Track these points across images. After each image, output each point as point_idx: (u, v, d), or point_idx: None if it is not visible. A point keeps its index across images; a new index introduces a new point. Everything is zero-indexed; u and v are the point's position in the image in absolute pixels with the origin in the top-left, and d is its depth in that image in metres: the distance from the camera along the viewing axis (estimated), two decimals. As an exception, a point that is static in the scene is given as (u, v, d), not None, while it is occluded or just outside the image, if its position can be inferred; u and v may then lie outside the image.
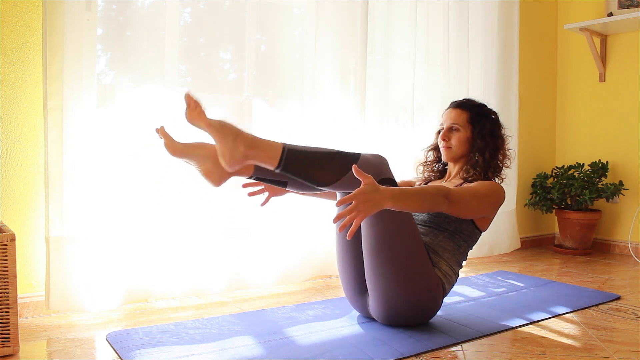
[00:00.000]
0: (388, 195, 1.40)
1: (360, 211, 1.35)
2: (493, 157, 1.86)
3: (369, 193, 1.36)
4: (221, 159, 1.49)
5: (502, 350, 1.59)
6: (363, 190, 1.36)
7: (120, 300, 1.97)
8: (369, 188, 1.37)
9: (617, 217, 3.33)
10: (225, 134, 1.47)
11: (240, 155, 1.48)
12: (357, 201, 1.35)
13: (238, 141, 1.47)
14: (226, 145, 1.46)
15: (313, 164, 1.53)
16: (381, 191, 1.39)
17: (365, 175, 1.38)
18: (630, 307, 2.06)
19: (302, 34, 2.44)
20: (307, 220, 2.39)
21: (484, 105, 1.94)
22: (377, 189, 1.38)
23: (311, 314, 1.90)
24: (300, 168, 1.53)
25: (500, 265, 2.89)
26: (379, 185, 1.40)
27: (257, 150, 1.49)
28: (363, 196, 1.36)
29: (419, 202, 1.48)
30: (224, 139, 1.46)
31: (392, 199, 1.41)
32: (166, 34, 2.08)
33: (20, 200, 1.84)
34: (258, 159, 1.51)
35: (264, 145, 1.51)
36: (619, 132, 3.32)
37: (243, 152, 1.48)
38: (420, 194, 1.49)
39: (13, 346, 1.50)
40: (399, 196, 1.44)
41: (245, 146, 1.48)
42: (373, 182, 1.38)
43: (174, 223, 2.09)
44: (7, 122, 1.82)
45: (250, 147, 1.49)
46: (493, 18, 3.08)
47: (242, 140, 1.48)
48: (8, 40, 1.82)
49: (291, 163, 1.52)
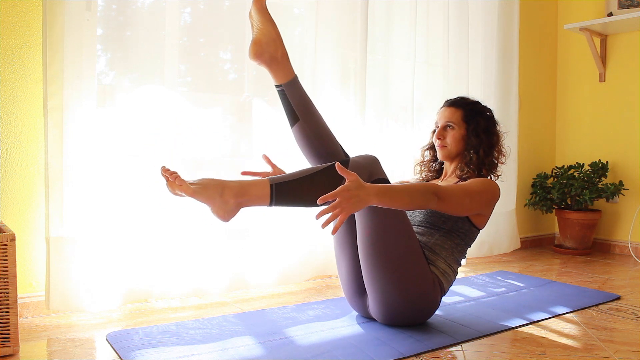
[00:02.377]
0: (374, 192, 1.40)
1: (343, 208, 1.35)
2: (488, 154, 1.86)
3: (352, 190, 1.36)
4: (215, 217, 1.48)
5: (502, 350, 1.59)
6: (347, 187, 1.36)
7: (121, 300, 1.97)
8: (352, 185, 1.36)
9: (617, 217, 3.33)
10: (211, 194, 1.44)
11: (232, 207, 1.47)
12: (340, 198, 1.34)
13: (225, 195, 1.45)
14: (215, 204, 1.45)
15: (303, 189, 1.53)
16: (366, 188, 1.38)
17: (349, 172, 1.38)
18: (630, 307, 2.06)
19: (302, 33, 2.44)
20: (307, 220, 2.39)
21: (478, 102, 1.94)
22: (361, 186, 1.38)
23: (311, 314, 1.90)
24: (293, 197, 1.53)
25: (500, 265, 2.89)
26: (363, 182, 1.39)
27: (246, 196, 1.48)
28: (347, 193, 1.35)
29: (406, 199, 1.47)
30: (212, 199, 1.44)
31: (378, 196, 1.41)
32: (166, 34, 2.08)
33: (20, 200, 1.84)
34: (250, 203, 1.50)
35: (252, 188, 1.49)
36: (619, 132, 3.32)
37: (234, 204, 1.47)
38: (408, 190, 1.48)
39: (13, 346, 1.50)
40: (386, 193, 1.43)
41: (235, 197, 1.46)
42: (357, 179, 1.38)
43: (174, 223, 2.09)
44: (7, 122, 1.82)
45: (239, 195, 1.47)
46: (493, 18, 3.08)
47: (229, 192, 1.46)
48: (8, 40, 1.82)
49: (282, 196, 1.51)
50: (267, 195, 1.50)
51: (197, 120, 2.19)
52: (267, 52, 1.66)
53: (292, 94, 1.70)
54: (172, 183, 1.42)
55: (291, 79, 1.70)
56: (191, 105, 2.17)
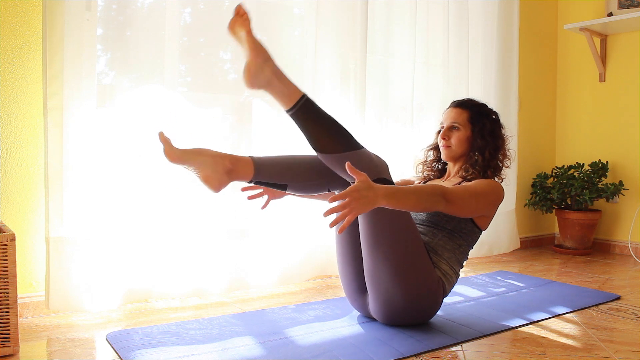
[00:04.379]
0: (382, 193, 1.39)
1: (353, 208, 1.34)
2: (493, 156, 1.86)
3: (362, 190, 1.36)
4: (245, 72, 1.54)
5: (502, 350, 1.59)
6: (357, 188, 1.35)
7: (121, 300, 1.97)
8: (362, 185, 1.36)
9: (617, 217, 3.33)
10: (259, 52, 1.53)
11: (263, 78, 1.54)
12: (350, 198, 1.34)
13: (267, 65, 1.54)
14: (256, 62, 1.53)
15: (323, 124, 1.58)
16: (375, 189, 1.38)
17: (359, 172, 1.38)
18: (630, 307, 2.06)
19: (302, 34, 2.44)
20: (307, 220, 2.39)
21: (485, 104, 1.94)
22: (371, 187, 1.37)
23: (311, 314, 1.90)
24: (310, 122, 1.57)
25: (500, 265, 2.89)
26: (373, 183, 1.39)
27: (280, 82, 1.55)
28: (356, 193, 1.35)
29: (414, 201, 1.47)
30: (257, 56, 1.53)
31: (387, 197, 1.40)
32: (166, 34, 2.08)
33: (20, 200, 1.84)
34: (277, 91, 1.56)
35: (288, 83, 1.57)
36: (619, 132, 3.32)
37: (267, 77, 1.54)
38: (416, 193, 1.48)
39: (13, 346, 1.50)
40: (394, 194, 1.43)
41: (272, 72, 1.54)
42: (367, 179, 1.38)
43: (175, 223, 2.09)
44: (7, 122, 1.82)
45: (276, 76, 1.55)
46: (493, 18, 3.08)
47: (271, 66, 1.54)
48: (8, 40, 1.82)
49: (304, 112, 1.57)
50: (294, 100, 1.57)
51: (197, 120, 2.19)
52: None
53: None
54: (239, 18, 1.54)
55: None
56: (191, 105, 2.17)
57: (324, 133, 1.57)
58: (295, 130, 2.39)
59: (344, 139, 1.58)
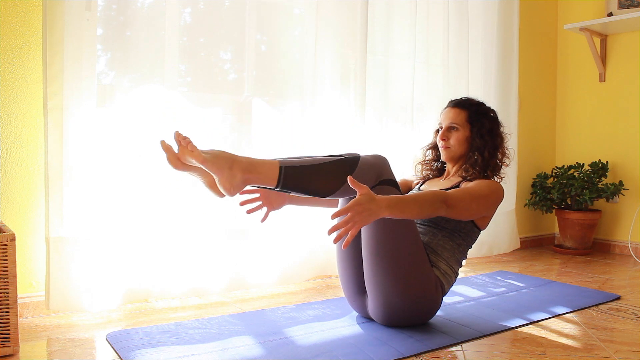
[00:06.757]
0: (385, 205, 1.40)
1: (356, 222, 1.35)
2: (492, 155, 1.86)
3: (364, 203, 1.36)
4: (221, 189, 1.47)
5: (502, 350, 1.59)
6: (358, 201, 1.36)
7: (120, 300, 1.97)
8: (364, 198, 1.36)
9: (617, 217, 3.33)
10: (221, 165, 1.43)
11: (239, 182, 1.46)
12: (352, 212, 1.34)
13: (234, 169, 1.45)
14: (223, 175, 1.44)
15: (311, 176, 1.52)
16: (377, 201, 1.39)
17: (360, 185, 1.38)
18: (630, 307, 2.06)
19: (302, 34, 2.44)
20: (308, 220, 2.39)
21: (483, 103, 1.94)
22: (372, 199, 1.38)
23: (311, 314, 1.90)
24: (300, 183, 1.52)
25: (500, 265, 2.89)
26: (375, 195, 1.39)
27: (254, 173, 1.48)
28: (359, 207, 1.35)
29: (416, 209, 1.48)
30: (221, 170, 1.43)
31: (389, 208, 1.41)
32: (166, 34, 2.08)
33: (20, 200, 1.84)
34: (257, 181, 1.50)
35: (261, 167, 1.49)
36: (619, 132, 3.32)
37: (241, 179, 1.46)
38: (417, 201, 1.49)
39: (13, 346, 1.50)
40: (396, 205, 1.43)
41: (243, 172, 1.46)
42: (369, 192, 1.38)
43: (174, 223, 2.09)
44: (7, 122, 1.82)
45: (248, 171, 1.47)
46: (493, 18, 3.08)
47: (238, 166, 1.46)
48: (8, 40, 1.82)
49: (290, 179, 1.51)
50: (275, 177, 1.49)
51: (197, 120, 2.19)
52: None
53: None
54: (184, 149, 1.39)
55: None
56: (191, 105, 2.17)
57: (320, 182, 1.53)
58: (296, 130, 2.41)
59: (336, 174, 1.54)
